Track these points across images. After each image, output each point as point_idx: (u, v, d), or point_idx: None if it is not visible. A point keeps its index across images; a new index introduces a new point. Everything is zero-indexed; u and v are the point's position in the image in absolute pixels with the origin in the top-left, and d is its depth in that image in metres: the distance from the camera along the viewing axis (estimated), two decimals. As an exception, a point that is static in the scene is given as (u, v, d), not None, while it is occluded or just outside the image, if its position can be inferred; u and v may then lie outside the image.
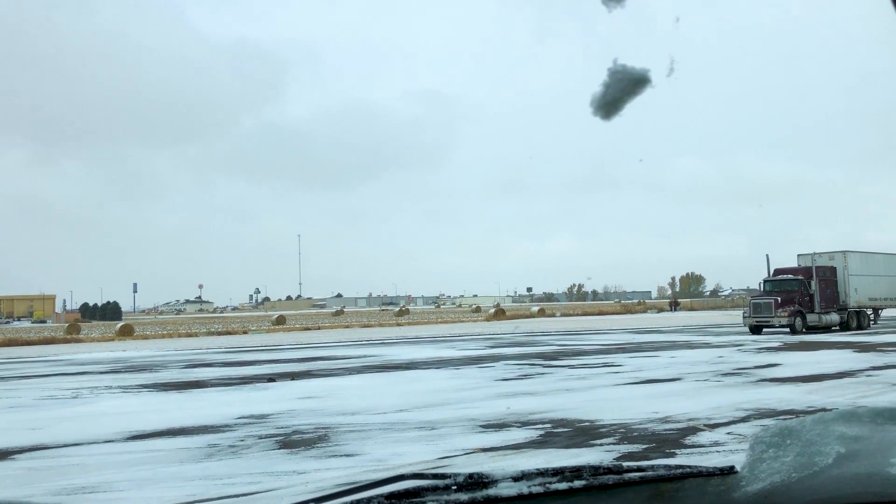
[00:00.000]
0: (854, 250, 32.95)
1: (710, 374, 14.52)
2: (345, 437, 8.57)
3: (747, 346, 22.54)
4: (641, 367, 16.25)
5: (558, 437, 8.22)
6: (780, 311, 29.13)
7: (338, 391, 13.25)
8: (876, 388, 11.66)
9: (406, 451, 7.66)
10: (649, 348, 22.90)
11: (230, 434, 8.99)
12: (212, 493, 6.07)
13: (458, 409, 10.38)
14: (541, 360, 18.91)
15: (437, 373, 16.43)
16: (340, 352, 25.31)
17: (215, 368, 19.73)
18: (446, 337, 34.93)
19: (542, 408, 10.33)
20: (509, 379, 14.56)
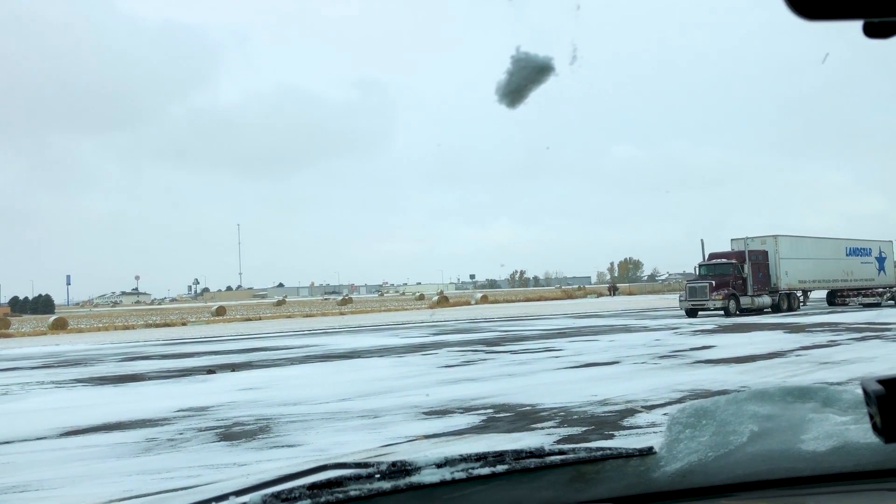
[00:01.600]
0: (784, 234, 34.06)
1: (647, 356, 14.86)
2: (286, 427, 8.50)
3: (683, 329, 23.14)
4: (581, 352, 16.53)
5: (500, 422, 8.31)
6: (714, 294, 29.97)
7: (279, 382, 13.12)
8: (804, 368, 12.11)
9: (348, 440, 7.64)
10: (589, 332, 23.30)
11: (169, 427, 8.83)
12: (150, 487, 5.96)
13: (402, 397, 10.40)
14: (483, 347, 19.06)
15: (381, 361, 16.42)
16: (282, 342, 25.05)
17: (153, 361, 19.31)
18: (389, 325, 34.90)
19: (485, 393, 10.43)
20: (452, 365, 14.64)
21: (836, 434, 1.11)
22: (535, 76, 0.84)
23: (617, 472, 1.10)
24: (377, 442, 7.44)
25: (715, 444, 1.12)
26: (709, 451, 1.11)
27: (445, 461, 1.07)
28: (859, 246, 38.41)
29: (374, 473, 1.03)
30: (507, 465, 1.07)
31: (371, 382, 12.24)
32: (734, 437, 1.12)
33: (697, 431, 1.14)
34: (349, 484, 1.00)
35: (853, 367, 11.76)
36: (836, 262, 36.20)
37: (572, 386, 10.89)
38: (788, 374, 11.41)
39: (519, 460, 1.08)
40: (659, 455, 1.12)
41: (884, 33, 0.63)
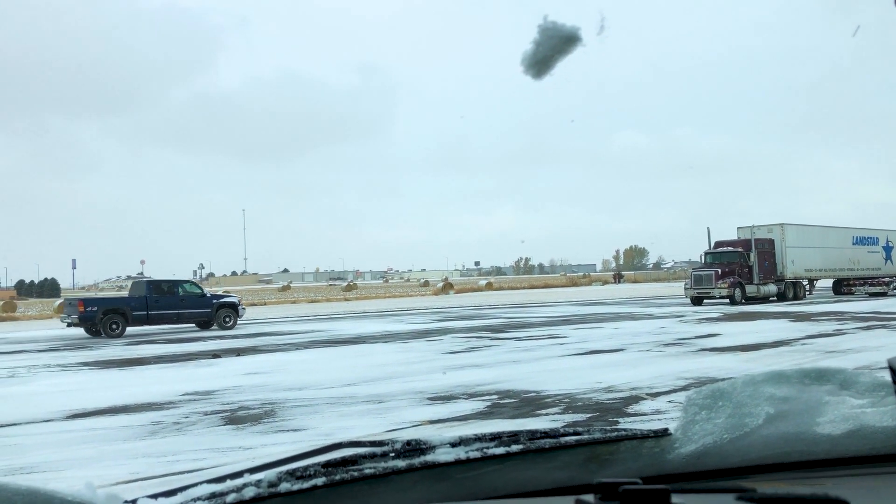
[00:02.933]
0: (791, 223, 33.96)
1: (652, 344, 14.86)
2: (291, 412, 8.53)
3: (688, 317, 23.11)
4: (586, 339, 16.53)
5: (504, 408, 8.32)
6: (720, 282, 29.92)
7: (284, 366, 13.16)
8: (810, 356, 12.09)
9: (353, 424, 7.66)
10: (593, 320, 23.30)
11: (175, 411, 8.87)
12: (156, 470, 5.99)
13: (406, 383, 10.42)
14: (488, 333, 19.08)
15: (385, 347, 16.45)
16: (287, 327, 25.11)
17: (159, 345, 19.39)
18: (394, 311, 34.95)
19: (489, 379, 10.44)
20: (457, 352, 14.66)
21: (853, 417, 1.10)
22: (562, 46, 0.83)
23: (632, 453, 1.09)
24: (382, 427, 7.46)
25: (730, 425, 1.11)
26: (724, 432, 1.10)
27: (460, 440, 1.06)
28: (866, 235, 38.27)
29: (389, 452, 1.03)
30: (521, 444, 1.07)
31: (376, 368, 12.27)
32: (750, 420, 1.12)
33: (713, 413, 1.13)
34: (364, 462, 1.00)
35: (859, 356, 11.74)
36: (842, 250, 36.09)
37: (577, 373, 10.89)
38: (794, 362, 11.39)
39: (534, 440, 1.08)
40: (674, 437, 1.11)
41: None
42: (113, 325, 22.63)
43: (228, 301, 25.31)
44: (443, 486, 1.02)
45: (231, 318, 24.77)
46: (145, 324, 23.44)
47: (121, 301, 23.99)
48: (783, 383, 1.15)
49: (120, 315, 22.85)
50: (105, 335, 22.45)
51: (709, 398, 1.15)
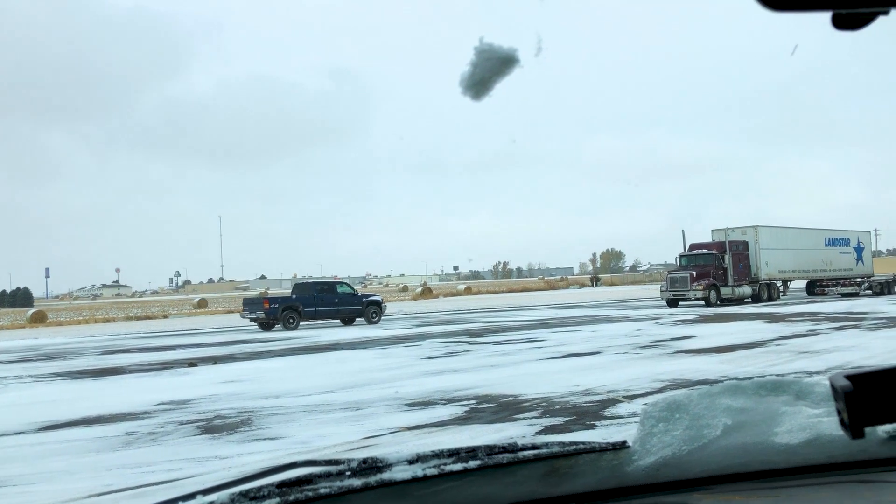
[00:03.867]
0: (765, 225, 34.34)
1: (628, 346, 14.95)
2: (268, 420, 8.47)
3: (664, 319, 23.28)
4: (564, 342, 16.60)
5: (483, 413, 8.33)
6: (695, 284, 30.17)
7: (261, 374, 13.07)
8: (784, 357, 12.23)
9: (331, 432, 7.63)
10: (571, 323, 23.39)
11: (150, 421, 8.77)
12: (129, 482, 5.91)
13: (384, 389, 10.39)
14: (467, 338, 19.09)
15: (363, 353, 16.39)
16: (264, 335, 24.94)
17: (134, 354, 19.18)
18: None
19: (468, 384, 10.44)
20: (436, 357, 14.65)
21: (810, 427, 1.11)
22: (499, 68, 0.82)
23: (591, 466, 1.10)
24: (359, 434, 7.43)
25: (688, 437, 1.12)
26: (682, 444, 1.11)
27: (417, 457, 1.06)
28: (838, 236, 38.82)
29: (345, 471, 1.02)
30: (479, 460, 1.06)
31: (353, 374, 12.22)
32: (708, 431, 1.12)
33: (671, 425, 1.13)
34: (319, 481, 0.99)
35: (831, 357, 11.89)
36: (815, 252, 36.56)
37: (554, 376, 10.93)
38: (769, 363, 11.51)
39: (492, 455, 1.07)
40: (632, 449, 1.12)
41: (853, 25, 0.62)
42: (290, 319, 25.82)
43: (374, 300, 28.52)
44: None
45: (377, 314, 28.03)
46: (312, 319, 26.79)
47: (296, 300, 26.77)
48: (739, 394, 1.16)
49: (295, 311, 26.09)
50: (284, 327, 25.63)
51: (665, 410, 1.16)
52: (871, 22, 0.63)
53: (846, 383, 0.64)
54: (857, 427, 0.64)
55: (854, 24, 0.62)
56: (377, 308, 28.12)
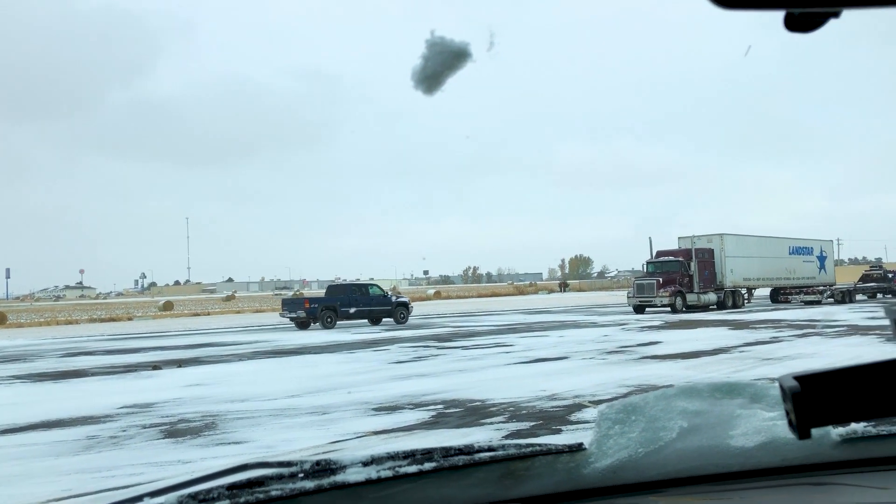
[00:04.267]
0: (730, 233, 34.83)
1: (595, 352, 15.05)
2: (233, 424, 8.38)
3: (631, 325, 23.49)
4: (531, 347, 16.67)
5: (450, 418, 8.32)
6: (661, 291, 30.50)
7: (227, 378, 12.93)
8: (748, 363, 12.40)
9: (296, 436, 7.57)
10: (539, 328, 23.51)
11: (112, 424, 8.63)
12: (89, 486, 5.81)
13: (351, 393, 10.34)
14: (435, 342, 19.08)
15: (331, 357, 16.30)
16: (230, 338, 24.71)
17: (97, 357, 18.86)
18: (341, 320, 34.66)
19: (435, 389, 10.44)
20: (404, 361, 14.62)
21: (764, 430, 1.12)
22: (451, 62, 0.82)
23: (547, 468, 1.10)
24: (326, 438, 7.38)
25: (645, 439, 1.12)
26: (639, 446, 1.11)
27: (372, 459, 1.05)
28: (801, 245, 39.49)
29: (298, 472, 1.00)
30: (435, 462, 1.05)
31: (320, 379, 12.15)
32: (664, 433, 1.13)
33: (627, 427, 1.14)
34: (271, 483, 0.97)
35: (794, 364, 12.09)
36: (779, 260, 37.15)
37: (522, 381, 10.96)
38: (732, 369, 11.67)
39: (447, 458, 1.07)
40: (589, 451, 1.12)
41: (805, 27, 0.63)
42: (328, 319, 27.37)
43: (403, 301, 30.23)
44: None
45: (405, 314, 29.56)
46: (347, 318, 28.16)
47: (334, 300, 28.23)
48: (695, 397, 1.18)
49: (333, 311, 27.64)
50: (322, 326, 27.15)
51: (621, 413, 1.16)
52: (822, 24, 0.64)
53: (794, 384, 0.65)
54: (803, 428, 0.64)
55: (805, 27, 0.63)
56: (405, 309, 29.65)
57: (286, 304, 28.92)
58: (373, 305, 28.69)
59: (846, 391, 0.64)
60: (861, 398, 0.63)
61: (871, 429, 1.13)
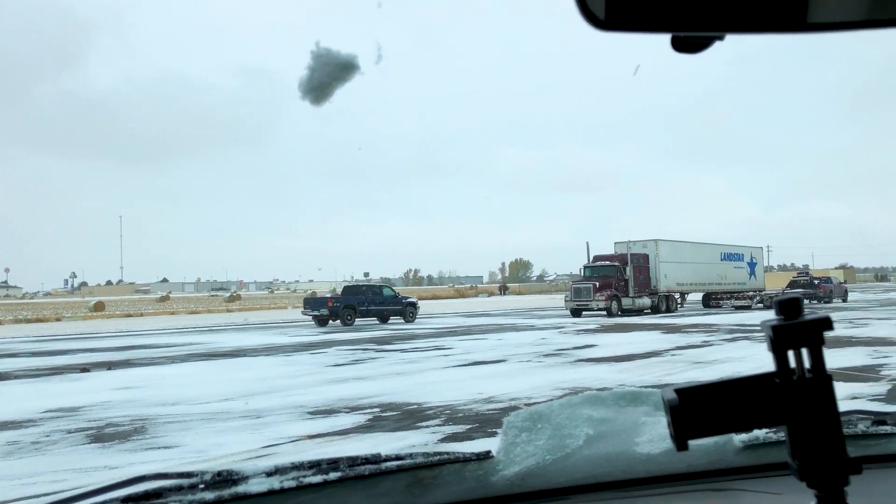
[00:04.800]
0: (664, 239, 35.62)
1: (532, 355, 15.21)
2: (163, 428, 8.19)
3: (568, 329, 23.82)
4: (470, 350, 16.74)
5: (386, 421, 8.30)
6: (598, 295, 31.01)
7: (158, 381, 12.62)
8: (679, 367, 12.70)
9: (228, 440, 7.44)
10: (478, 331, 23.63)
11: (34, 430, 8.33)
12: (8, 494, 5.60)
13: (287, 397, 10.22)
14: (374, 345, 19.00)
15: (267, 360, 16.08)
16: (164, 339, 24.14)
17: (21, 359, 18.17)
18: (279, 323, 34.25)
19: (372, 392, 10.39)
20: (341, 364, 14.51)
21: (669, 436, 1.15)
22: (338, 73, 0.82)
23: (455, 476, 1.10)
24: (259, 443, 7.28)
25: (552, 447, 1.13)
26: (546, 454, 1.12)
27: (276, 469, 1.03)
28: (733, 251, 40.67)
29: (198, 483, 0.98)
30: (341, 472, 1.05)
31: (256, 382, 11.96)
32: (570, 441, 1.14)
33: (534, 435, 1.15)
34: (169, 495, 0.95)
35: (723, 367, 12.44)
36: (711, 266, 38.17)
37: (459, 384, 11.00)
38: (664, 372, 11.93)
39: (354, 467, 1.06)
40: (496, 459, 1.13)
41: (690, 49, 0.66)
42: (348, 316, 28.93)
43: (411, 301, 31.83)
44: None
45: (413, 313, 31.13)
46: (365, 316, 29.87)
47: (353, 299, 29.56)
48: (600, 405, 1.20)
49: (353, 309, 29.12)
50: (343, 324, 28.57)
51: (528, 420, 1.17)
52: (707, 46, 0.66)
53: (674, 397, 0.67)
54: (681, 440, 0.67)
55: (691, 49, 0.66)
56: (413, 308, 31.36)
57: (309, 303, 30.37)
58: (386, 305, 30.52)
59: (720, 404, 0.66)
60: (734, 411, 0.66)
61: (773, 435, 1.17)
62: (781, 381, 0.66)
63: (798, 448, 0.65)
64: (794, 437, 0.65)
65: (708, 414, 0.66)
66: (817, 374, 0.65)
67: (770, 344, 0.65)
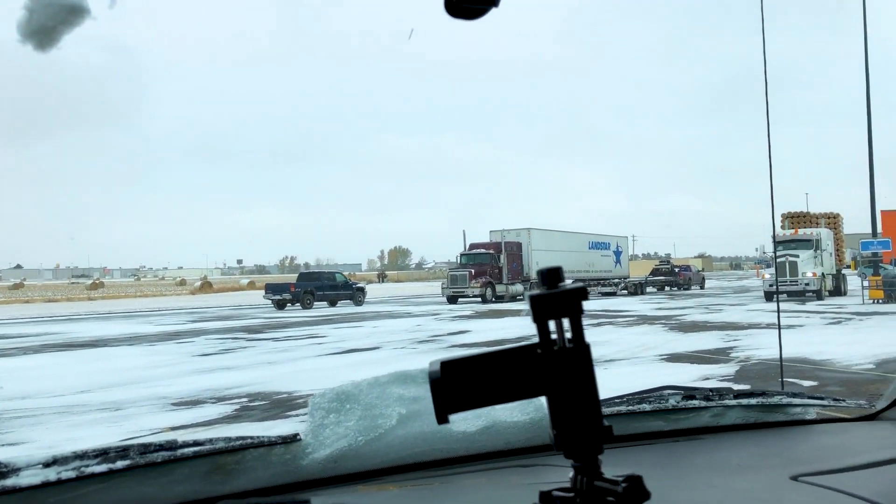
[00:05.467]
0: (537, 228, 36.66)
1: (407, 341, 15.30)
2: (10, 423, 7.67)
3: (443, 315, 24.11)
4: (345, 338, 16.63)
5: (254, 411, 8.13)
6: (473, 282, 31.57)
7: (8, 373, 11.80)
8: (546, 351, 13.11)
9: (84, 435, 7.06)
10: (354, 318, 23.52)
11: None
12: None
13: (149, 388, 9.81)
14: (245, 334, 18.54)
15: (130, 350, 15.36)
16: (16, 329, 22.58)
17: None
18: (145, 312, 32.78)
19: (241, 382, 10.14)
20: (209, 354, 14.07)
21: (485, 415, 1.17)
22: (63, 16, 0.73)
23: (261, 461, 1.08)
24: (117, 436, 6.96)
25: (363, 428, 1.13)
26: (358, 435, 1.12)
27: (54, 460, 0.97)
28: (600, 240, 42.38)
29: None
30: (130, 460, 1.00)
31: (116, 373, 11.41)
32: (382, 421, 1.13)
33: (343, 416, 1.13)
34: None
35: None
36: (580, 254, 39.63)
37: (332, 372, 10.92)
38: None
39: (145, 454, 1.02)
40: (305, 442, 1.11)
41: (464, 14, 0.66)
42: (308, 300, 31.10)
43: (360, 286, 34.54)
44: None
45: (362, 297, 33.83)
46: (322, 300, 32.17)
47: (312, 284, 32.21)
48: (410, 383, 1.19)
49: (311, 294, 31.43)
50: (303, 307, 30.66)
51: (335, 401, 1.16)
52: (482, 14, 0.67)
53: (436, 369, 0.67)
54: (441, 413, 0.67)
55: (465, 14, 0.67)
56: (362, 293, 34.01)
57: (270, 288, 32.44)
58: (340, 290, 33.13)
59: (484, 376, 0.67)
60: (497, 383, 0.67)
61: None
62: (543, 352, 0.66)
63: (557, 418, 0.65)
64: (554, 407, 0.66)
65: (470, 386, 0.67)
66: (577, 344, 0.65)
67: (532, 315, 0.65)
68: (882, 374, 9.66)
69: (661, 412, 1.32)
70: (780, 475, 1.09)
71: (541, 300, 0.64)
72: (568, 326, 0.66)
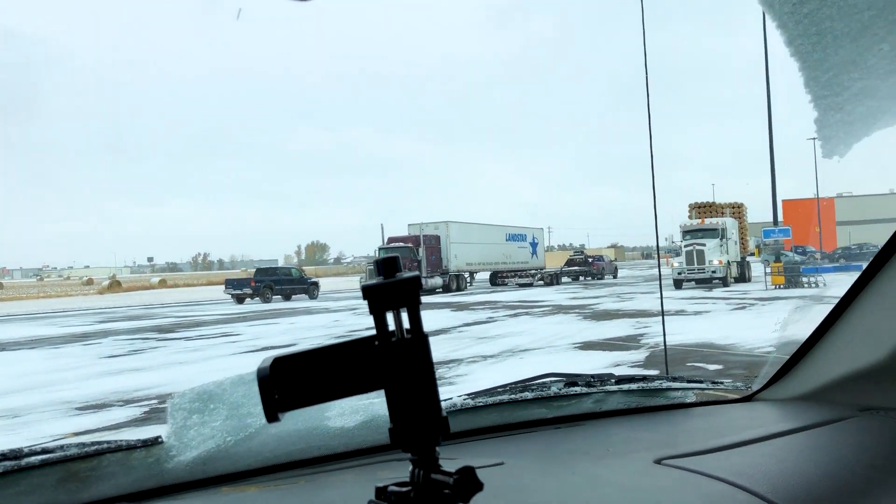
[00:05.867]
0: (455, 221, 36.90)
1: (324, 337, 15.13)
2: None
3: (361, 310, 23.94)
4: (260, 335, 16.33)
5: (164, 413, 7.87)
6: (392, 276, 31.52)
7: None
8: (465, 343, 13.22)
9: (-23, 445, 6.69)
10: (270, 315, 23.13)
11: None
12: None
13: (52, 392, 9.39)
14: (155, 334, 17.97)
15: (30, 353, 14.66)
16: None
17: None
18: (48, 313, 31.36)
19: (150, 384, 9.82)
20: (117, 355, 13.57)
21: (363, 409, 1.15)
22: None
23: (121, 466, 1.03)
24: (13, 444, 6.59)
25: (232, 427, 1.09)
26: (226, 435, 1.07)
27: None
28: (517, 233, 43.00)
29: None
30: None
31: (14, 378, 10.87)
32: (251, 420, 1.09)
33: (207, 416, 1.09)
34: None
35: (505, 341, 13.11)
36: (497, 246, 40.12)
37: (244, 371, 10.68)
38: (451, 348, 12.36)
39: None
40: (168, 444, 1.06)
41: None
42: (267, 294, 32.31)
43: (314, 281, 35.61)
44: None
45: (316, 291, 34.80)
46: (279, 294, 33.26)
47: (271, 279, 33.32)
48: None
49: (270, 289, 32.66)
50: (262, 300, 31.98)
51: (196, 402, 1.11)
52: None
53: (265, 367, 0.64)
54: (270, 412, 0.64)
55: None
56: (315, 287, 35.04)
57: (230, 283, 33.37)
58: (295, 284, 34.24)
59: (319, 372, 0.65)
60: (333, 378, 0.65)
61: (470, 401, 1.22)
62: (380, 344, 0.64)
63: (394, 411, 0.64)
64: (391, 401, 0.64)
65: (304, 383, 0.64)
66: (415, 335, 0.64)
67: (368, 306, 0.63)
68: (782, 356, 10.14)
69: (544, 399, 1.33)
70: (645, 459, 1.10)
71: (376, 290, 0.63)
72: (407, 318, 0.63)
